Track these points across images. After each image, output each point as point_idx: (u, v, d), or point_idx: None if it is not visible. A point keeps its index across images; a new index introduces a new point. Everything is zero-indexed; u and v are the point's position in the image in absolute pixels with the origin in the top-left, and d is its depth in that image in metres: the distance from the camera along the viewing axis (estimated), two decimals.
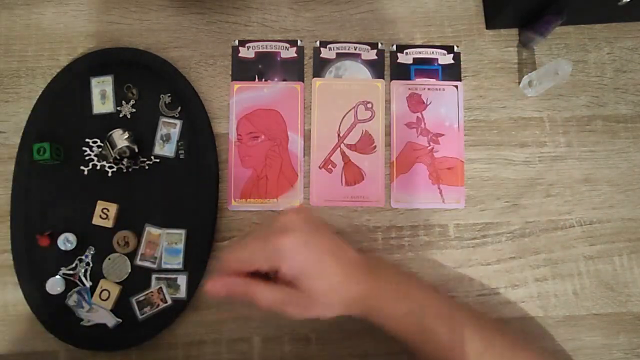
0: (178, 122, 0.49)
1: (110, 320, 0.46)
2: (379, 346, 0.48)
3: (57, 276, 0.46)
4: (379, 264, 0.44)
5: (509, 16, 0.50)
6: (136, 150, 0.47)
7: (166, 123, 0.49)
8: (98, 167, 0.48)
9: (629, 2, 0.46)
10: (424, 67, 0.52)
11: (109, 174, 0.48)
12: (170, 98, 0.49)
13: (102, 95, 0.49)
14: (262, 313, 0.47)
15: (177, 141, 0.49)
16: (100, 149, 0.48)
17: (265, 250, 0.36)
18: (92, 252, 0.47)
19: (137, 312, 0.46)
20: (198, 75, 0.51)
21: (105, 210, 0.47)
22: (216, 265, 0.37)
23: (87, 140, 0.48)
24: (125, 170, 0.48)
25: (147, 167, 0.48)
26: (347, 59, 0.52)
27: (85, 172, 0.48)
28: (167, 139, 0.49)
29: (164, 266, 0.47)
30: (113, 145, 0.46)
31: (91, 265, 0.47)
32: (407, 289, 0.41)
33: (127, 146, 0.46)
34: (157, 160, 0.48)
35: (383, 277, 0.41)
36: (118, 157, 0.47)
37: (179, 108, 0.49)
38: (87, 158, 0.48)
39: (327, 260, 0.37)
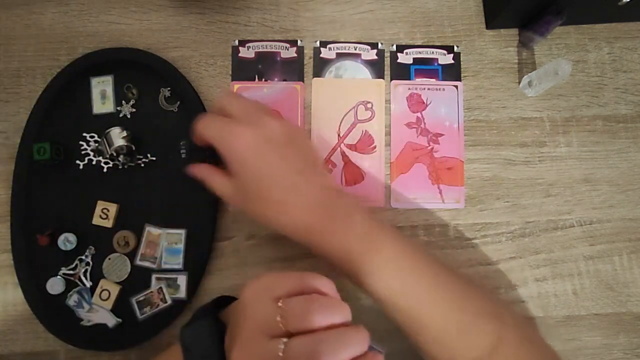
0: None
1: (110, 320, 0.46)
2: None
3: (57, 276, 0.46)
4: (338, 202, 0.40)
5: (509, 16, 0.50)
6: (133, 148, 0.47)
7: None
8: (94, 162, 0.48)
9: (629, 2, 0.46)
10: (424, 67, 0.52)
11: (104, 170, 0.48)
12: (170, 92, 0.49)
13: (102, 95, 0.49)
14: None
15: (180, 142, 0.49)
16: (97, 144, 0.48)
17: (221, 136, 0.40)
18: (92, 252, 0.47)
19: (137, 312, 0.46)
20: (198, 75, 0.51)
21: (105, 210, 0.47)
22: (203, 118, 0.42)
23: (84, 134, 0.48)
24: (120, 167, 0.48)
25: (142, 165, 0.48)
26: (347, 59, 0.52)
27: (81, 167, 0.48)
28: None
29: (164, 266, 0.47)
30: (110, 143, 0.46)
31: (91, 265, 0.47)
32: (356, 226, 0.39)
33: (124, 145, 0.46)
34: (154, 159, 0.48)
35: (338, 214, 0.39)
36: (114, 154, 0.47)
37: (178, 103, 0.49)
38: (83, 152, 0.48)
39: (266, 177, 0.39)
